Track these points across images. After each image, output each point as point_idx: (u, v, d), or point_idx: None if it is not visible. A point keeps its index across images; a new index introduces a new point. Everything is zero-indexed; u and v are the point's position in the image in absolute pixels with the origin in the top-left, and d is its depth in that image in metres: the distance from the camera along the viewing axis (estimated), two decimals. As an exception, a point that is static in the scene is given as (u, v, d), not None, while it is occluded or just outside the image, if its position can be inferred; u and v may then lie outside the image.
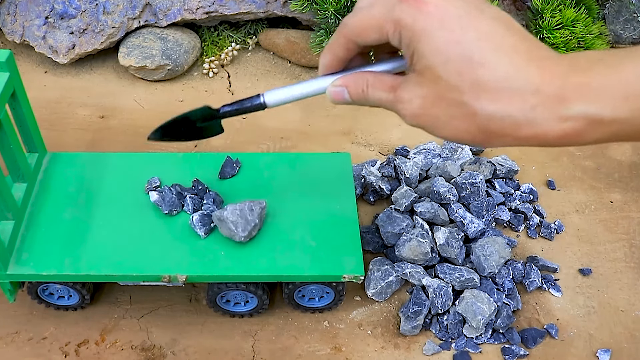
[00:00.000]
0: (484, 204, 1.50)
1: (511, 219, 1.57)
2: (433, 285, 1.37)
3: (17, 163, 1.31)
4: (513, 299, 1.41)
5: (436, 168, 1.58)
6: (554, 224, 1.59)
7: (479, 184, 1.50)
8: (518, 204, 1.58)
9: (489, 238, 1.45)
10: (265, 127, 1.85)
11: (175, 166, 1.45)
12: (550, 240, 1.57)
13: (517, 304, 1.40)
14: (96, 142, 1.77)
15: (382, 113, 1.90)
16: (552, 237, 1.56)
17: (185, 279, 1.25)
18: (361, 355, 1.35)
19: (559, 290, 1.46)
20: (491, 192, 1.58)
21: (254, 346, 1.36)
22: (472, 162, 1.62)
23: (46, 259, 1.26)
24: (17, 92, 1.28)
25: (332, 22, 1.80)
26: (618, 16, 2.13)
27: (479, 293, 1.37)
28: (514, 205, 1.58)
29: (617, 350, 1.38)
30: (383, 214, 1.50)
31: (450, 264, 1.42)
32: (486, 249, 1.42)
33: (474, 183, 1.50)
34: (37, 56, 2.03)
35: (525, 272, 1.45)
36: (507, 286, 1.41)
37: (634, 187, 1.72)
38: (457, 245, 1.42)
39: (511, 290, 1.41)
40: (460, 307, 1.34)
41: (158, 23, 1.95)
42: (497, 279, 1.42)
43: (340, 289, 1.35)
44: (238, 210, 1.27)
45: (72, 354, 1.33)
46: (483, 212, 1.50)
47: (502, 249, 1.43)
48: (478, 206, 1.50)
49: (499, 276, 1.42)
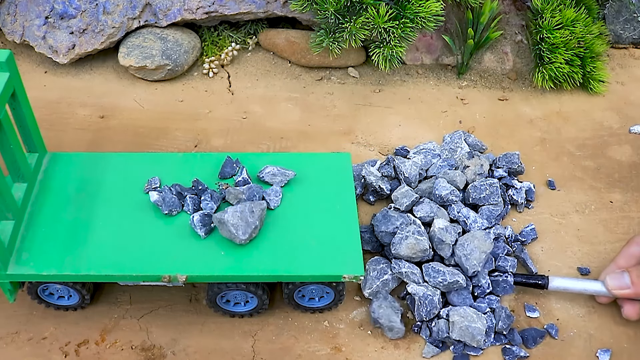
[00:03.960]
0: (497, 212, 1.53)
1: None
2: (419, 294, 1.37)
3: (17, 163, 1.31)
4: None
5: (443, 173, 1.58)
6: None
7: (496, 184, 1.54)
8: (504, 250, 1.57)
9: (468, 234, 1.42)
10: (265, 127, 1.85)
11: (175, 166, 1.45)
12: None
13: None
14: (96, 142, 1.77)
15: (382, 113, 1.91)
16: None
17: (185, 279, 1.25)
18: (361, 355, 1.35)
19: (534, 311, 1.45)
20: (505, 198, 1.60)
21: (254, 346, 1.36)
22: (469, 157, 1.63)
23: (46, 259, 1.26)
24: (17, 92, 1.28)
25: (332, 22, 1.80)
26: (618, 16, 2.13)
27: (465, 312, 1.34)
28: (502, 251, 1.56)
29: (617, 350, 1.38)
30: (380, 213, 1.50)
31: (436, 264, 1.41)
32: (466, 247, 1.40)
33: (492, 184, 1.54)
34: (37, 56, 2.03)
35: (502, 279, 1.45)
36: (487, 289, 1.41)
37: (634, 187, 1.72)
38: (454, 233, 1.42)
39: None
40: (455, 334, 1.33)
41: (158, 23, 1.95)
42: (481, 278, 1.41)
43: (340, 289, 1.35)
44: (239, 212, 1.27)
45: (72, 354, 1.33)
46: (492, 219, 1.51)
47: (482, 243, 1.40)
48: (492, 210, 1.52)
49: (483, 275, 1.41)
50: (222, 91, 1.96)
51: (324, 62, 2.00)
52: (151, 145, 1.77)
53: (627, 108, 1.96)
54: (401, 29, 1.78)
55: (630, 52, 2.17)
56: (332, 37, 1.82)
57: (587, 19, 1.95)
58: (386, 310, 1.35)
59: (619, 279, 0.87)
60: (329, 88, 1.98)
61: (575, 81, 1.96)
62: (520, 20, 2.07)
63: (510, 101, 1.98)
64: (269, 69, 2.04)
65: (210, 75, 2.00)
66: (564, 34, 1.90)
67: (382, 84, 2.00)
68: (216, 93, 1.95)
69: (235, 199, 1.36)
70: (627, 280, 0.84)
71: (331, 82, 2.00)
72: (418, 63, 2.06)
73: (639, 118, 1.92)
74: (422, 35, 2.02)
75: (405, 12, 1.78)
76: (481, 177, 1.59)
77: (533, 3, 1.96)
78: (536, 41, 1.94)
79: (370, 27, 1.77)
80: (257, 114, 1.89)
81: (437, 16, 1.79)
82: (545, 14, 1.91)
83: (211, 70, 2.00)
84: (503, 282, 0.90)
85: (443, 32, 2.02)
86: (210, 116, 1.87)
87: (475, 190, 1.55)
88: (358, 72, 2.03)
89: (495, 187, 1.54)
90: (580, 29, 1.92)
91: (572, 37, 1.91)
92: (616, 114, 1.94)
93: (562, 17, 1.91)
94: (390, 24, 1.77)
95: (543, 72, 1.93)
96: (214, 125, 1.84)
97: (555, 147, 1.83)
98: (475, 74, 2.04)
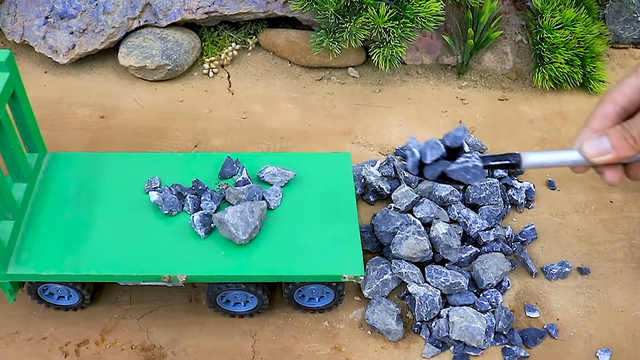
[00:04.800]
0: (498, 212, 1.53)
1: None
2: (419, 294, 1.37)
3: (17, 163, 1.31)
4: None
5: None
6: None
7: (496, 184, 1.54)
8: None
9: (489, 254, 1.46)
10: (265, 127, 1.85)
11: (175, 166, 1.45)
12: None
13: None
14: (96, 142, 1.77)
15: (382, 113, 1.91)
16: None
17: (185, 279, 1.25)
18: (361, 355, 1.35)
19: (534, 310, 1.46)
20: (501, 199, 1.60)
21: (254, 346, 1.36)
22: None
23: (46, 259, 1.26)
24: (17, 92, 1.28)
25: (332, 22, 1.80)
26: (618, 16, 2.13)
27: (465, 312, 1.35)
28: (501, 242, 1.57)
29: (617, 350, 1.38)
30: (380, 213, 1.50)
31: (438, 266, 1.42)
32: (484, 263, 1.44)
33: (492, 184, 1.54)
34: (37, 56, 2.03)
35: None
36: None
37: (634, 187, 1.72)
38: (457, 235, 1.43)
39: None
40: (455, 334, 1.33)
41: (158, 23, 1.95)
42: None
43: (340, 289, 1.35)
44: (239, 212, 1.27)
45: (72, 354, 1.33)
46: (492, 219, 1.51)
47: (501, 263, 1.44)
48: (492, 210, 1.53)
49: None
50: (222, 91, 1.96)
51: (324, 62, 2.00)
52: (151, 145, 1.77)
53: (627, 108, 1.96)
54: (401, 29, 1.78)
55: (630, 52, 2.17)
56: (332, 37, 1.82)
57: (587, 19, 1.95)
58: (380, 315, 1.35)
59: (598, 145, 0.80)
60: (329, 88, 1.98)
61: (575, 81, 1.96)
62: (520, 20, 2.07)
63: (510, 101, 1.98)
64: (269, 69, 2.04)
65: (210, 75, 2.00)
66: (564, 34, 1.90)
67: (382, 84, 2.00)
68: (216, 93, 1.95)
69: (235, 199, 1.36)
70: (606, 144, 0.77)
71: (331, 82, 2.00)
72: (418, 63, 2.06)
73: (639, 118, 1.92)
74: (422, 35, 2.02)
75: (405, 12, 1.78)
76: None
77: (533, 3, 1.96)
78: (536, 41, 1.94)
79: (370, 27, 1.77)
80: (257, 114, 1.89)
81: (437, 16, 1.79)
82: (545, 14, 1.91)
83: (211, 70, 2.00)
84: (474, 168, 0.87)
85: (443, 32, 2.02)
86: (210, 116, 1.87)
87: (475, 190, 1.55)
88: (358, 72, 2.03)
89: (495, 187, 1.55)
90: (580, 29, 1.92)
91: (572, 37, 1.91)
92: (616, 114, 1.94)
93: (562, 17, 1.90)
94: (390, 24, 1.77)
95: (543, 72, 1.93)
96: (214, 125, 1.84)
97: (556, 147, 1.82)
98: (475, 74, 2.04)
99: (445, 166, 0.85)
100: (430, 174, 0.85)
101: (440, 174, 0.86)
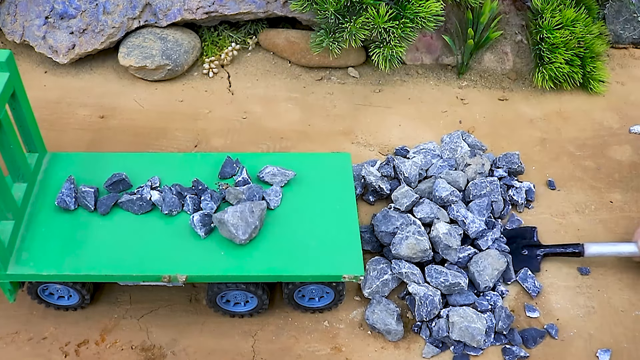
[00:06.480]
0: (500, 209, 1.53)
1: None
2: (419, 294, 1.37)
3: (17, 163, 1.31)
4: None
5: (445, 174, 1.58)
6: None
7: (496, 182, 1.55)
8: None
9: (483, 253, 1.46)
10: (265, 127, 1.85)
11: (175, 166, 1.45)
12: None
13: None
14: (96, 142, 1.77)
15: (382, 113, 1.91)
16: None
17: (185, 279, 1.25)
18: (361, 355, 1.35)
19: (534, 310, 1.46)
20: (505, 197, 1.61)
21: (254, 346, 1.36)
22: (471, 156, 1.63)
23: (46, 259, 1.26)
24: (17, 92, 1.28)
25: (332, 22, 1.80)
26: (618, 16, 2.13)
27: (465, 313, 1.35)
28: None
29: (617, 351, 1.38)
30: (380, 213, 1.50)
31: (438, 266, 1.42)
32: (479, 264, 1.43)
33: (492, 181, 1.54)
34: (37, 56, 2.03)
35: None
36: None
37: (634, 187, 1.72)
38: (457, 236, 1.43)
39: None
40: (455, 334, 1.33)
41: (158, 23, 1.95)
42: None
43: (340, 289, 1.35)
44: (239, 212, 1.27)
45: (72, 354, 1.33)
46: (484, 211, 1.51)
47: (496, 261, 1.43)
48: (479, 204, 1.52)
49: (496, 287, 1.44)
50: (222, 91, 1.96)
51: (324, 62, 2.00)
52: (151, 145, 1.77)
53: (627, 108, 1.96)
54: (401, 29, 1.78)
55: (630, 52, 2.17)
56: (332, 37, 1.82)
57: (587, 19, 1.95)
58: (380, 315, 1.35)
59: None
60: (329, 88, 1.98)
61: (575, 81, 1.96)
62: (520, 20, 2.07)
63: (510, 101, 1.98)
64: (269, 69, 2.04)
65: (210, 75, 2.00)
66: (564, 34, 1.90)
67: (382, 84, 2.00)
68: (216, 93, 1.95)
69: (235, 199, 1.36)
70: None
71: (331, 82, 2.00)
72: (418, 63, 2.06)
73: (639, 118, 1.92)
74: (422, 35, 2.02)
75: (405, 12, 1.78)
76: (482, 176, 1.60)
77: (533, 3, 1.96)
78: (536, 41, 1.94)
79: (370, 27, 1.77)
80: (257, 114, 1.89)
81: (437, 16, 1.79)
82: (545, 14, 1.91)
83: (211, 70, 2.00)
84: (536, 257, 0.88)
85: (443, 32, 2.02)
86: (210, 116, 1.87)
87: (475, 188, 1.54)
88: (358, 72, 2.03)
89: (495, 185, 1.54)
90: (580, 29, 1.92)
91: (572, 37, 1.91)
92: (616, 114, 1.94)
93: (562, 17, 1.90)
94: (390, 24, 1.77)
95: (543, 72, 1.93)
96: (214, 125, 1.84)
97: (555, 147, 1.82)
98: (475, 74, 2.04)
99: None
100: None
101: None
